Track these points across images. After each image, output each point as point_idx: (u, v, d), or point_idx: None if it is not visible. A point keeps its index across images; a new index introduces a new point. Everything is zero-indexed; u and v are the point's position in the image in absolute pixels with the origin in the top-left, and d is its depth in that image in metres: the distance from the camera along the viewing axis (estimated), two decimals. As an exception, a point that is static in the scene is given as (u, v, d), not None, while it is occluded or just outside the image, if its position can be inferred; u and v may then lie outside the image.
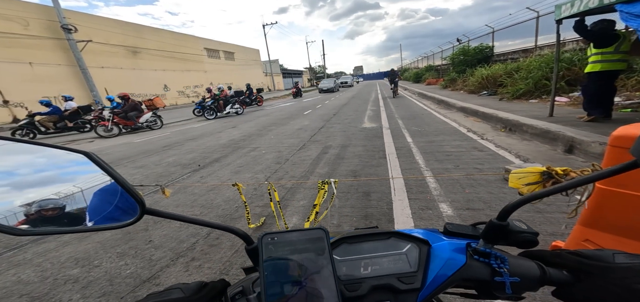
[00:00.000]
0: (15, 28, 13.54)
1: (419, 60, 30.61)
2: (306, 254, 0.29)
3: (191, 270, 1.62)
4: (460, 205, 2.09)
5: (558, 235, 1.58)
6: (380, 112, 8.02)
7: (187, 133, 7.52)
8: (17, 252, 1.95)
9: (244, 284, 0.33)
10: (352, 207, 2.21)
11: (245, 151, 4.69)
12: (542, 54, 8.55)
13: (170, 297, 0.30)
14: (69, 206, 0.29)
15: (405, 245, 0.35)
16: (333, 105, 11.92)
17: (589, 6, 3.19)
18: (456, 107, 7.01)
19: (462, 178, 2.55)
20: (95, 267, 1.71)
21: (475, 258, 0.33)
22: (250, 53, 37.50)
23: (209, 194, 2.82)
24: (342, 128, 6.01)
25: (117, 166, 4.43)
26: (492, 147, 3.52)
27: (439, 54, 20.20)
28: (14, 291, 1.55)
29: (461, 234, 0.38)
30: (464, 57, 12.96)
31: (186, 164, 4.14)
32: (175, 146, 5.68)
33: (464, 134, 4.43)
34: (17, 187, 0.26)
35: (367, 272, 0.33)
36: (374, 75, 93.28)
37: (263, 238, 0.30)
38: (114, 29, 18.69)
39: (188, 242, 1.90)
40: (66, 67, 15.65)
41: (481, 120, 5.33)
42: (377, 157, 3.61)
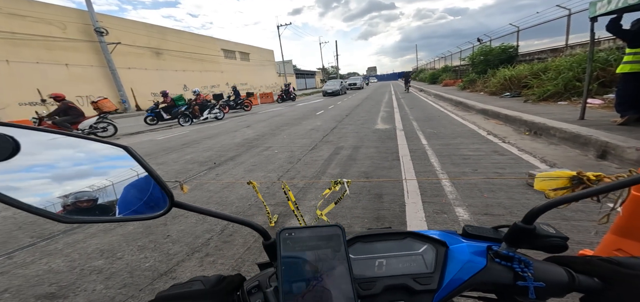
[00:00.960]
0: (54, 31, 14.77)
1: (436, 61, 29.70)
2: (322, 251, 0.30)
3: (205, 265, 1.67)
4: (478, 210, 1.99)
5: (586, 244, 1.46)
6: (394, 114, 7.86)
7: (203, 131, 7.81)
8: (50, 242, 2.10)
9: (260, 278, 0.34)
10: (364, 209, 2.18)
11: (259, 149, 4.79)
12: (574, 53, 7.97)
13: (192, 288, 0.31)
14: (106, 197, 0.31)
15: (421, 246, 0.35)
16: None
17: (628, 2, 2.93)
18: (475, 109, 6.71)
19: (480, 182, 2.43)
20: (118, 259, 1.81)
21: (497, 261, 0.32)
22: (264, 54, 38.30)
23: (223, 191, 2.91)
24: (354, 129, 5.96)
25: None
26: (514, 151, 3.32)
27: (458, 55, 19.46)
28: (44, 280, 1.66)
29: (481, 236, 0.37)
30: (485, 57, 12.39)
31: (203, 162, 4.30)
32: (193, 144, 5.93)
33: (484, 137, 4.23)
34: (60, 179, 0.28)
35: (382, 271, 0.33)
36: (388, 76, 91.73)
37: (281, 234, 0.30)
38: (140, 31, 19.85)
39: (203, 238, 1.96)
40: (98, 69, 16.83)
41: (503, 123, 5.06)
42: (390, 159, 3.54)
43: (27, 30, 13.55)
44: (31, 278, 1.68)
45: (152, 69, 20.78)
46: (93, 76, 16.61)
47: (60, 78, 14.97)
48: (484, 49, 12.91)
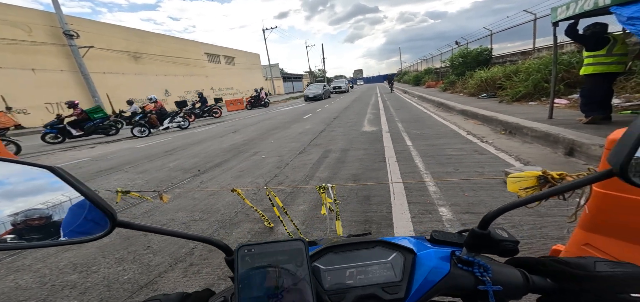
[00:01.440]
0: (18, 34, 13.71)
1: (419, 63, 30.72)
2: (284, 266, 0.29)
3: (189, 276, 1.61)
4: (460, 209, 2.08)
5: (560, 239, 1.57)
6: (380, 116, 8.04)
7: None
8: (17, 258, 1.95)
9: (226, 294, 0.33)
10: (353, 211, 2.21)
11: (247, 154, 4.70)
12: (541, 56, 8.58)
13: None
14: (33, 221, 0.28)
15: (391, 254, 0.35)
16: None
17: (584, 8, 3.21)
18: (456, 110, 7.02)
19: (462, 182, 2.54)
20: (94, 273, 1.71)
21: (459, 267, 0.33)
22: (250, 57, 37.80)
23: (209, 198, 2.82)
24: (343, 132, 6.03)
25: (116, 172, 4.45)
26: (492, 150, 3.51)
27: (438, 57, 20.29)
28: (12, 297, 1.54)
29: (447, 241, 0.37)
30: (463, 59, 13.02)
31: (187, 169, 4.15)
32: (178, 151, 5.71)
33: (464, 137, 4.43)
34: None
35: (353, 281, 0.32)
36: (374, 78, 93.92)
37: (239, 250, 0.30)
38: (116, 35, 18.91)
39: (187, 248, 1.89)
40: (69, 73, 15.80)
41: (481, 123, 5.33)
42: (377, 160, 3.61)
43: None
44: None
45: (131, 74, 19.84)
46: (64, 81, 15.57)
47: (27, 83, 13.90)
48: (462, 52, 13.57)
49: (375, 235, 0.38)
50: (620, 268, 0.28)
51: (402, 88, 21.40)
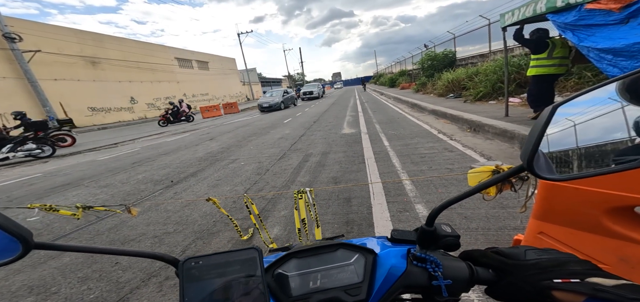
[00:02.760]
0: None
1: (393, 65, 32.10)
2: (235, 276, 0.29)
3: (165, 290, 1.51)
4: (434, 205, 2.20)
5: (521, 229, 1.70)
6: (358, 118, 8.26)
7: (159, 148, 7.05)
8: None
9: None
10: (334, 214, 2.24)
11: (224, 162, 4.53)
12: (496, 58, 9.50)
13: None
14: None
15: (353, 255, 0.35)
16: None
17: (526, 15, 3.63)
18: (427, 110, 7.48)
19: (435, 179, 2.72)
20: (53, 294, 1.56)
21: (415, 264, 0.33)
22: (225, 62, 36.56)
23: (183, 210, 2.67)
24: (322, 135, 6.08)
25: (78, 187, 4.01)
26: (460, 148, 3.80)
27: (410, 60, 21.44)
28: None
29: (404, 240, 0.38)
30: (432, 62, 13.93)
31: (158, 180, 3.87)
32: (146, 162, 5.30)
33: (436, 135, 4.74)
34: None
35: (316, 286, 0.32)
36: (353, 81, 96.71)
37: (185, 264, 0.29)
38: (67, 38, 17.09)
39: (161, 261, 1.78)
40: (13, 80, 13.93)
41: (450, 122, 5.74)
42: (357, 162, 3.70)
43: None
44: None
45: (88, 80, 18.04)
46: (7, 89, 13.67)
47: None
48: (430, 55, 14.51)
49: (355, 236, 0.40)
50: (547, 255, 0.29)
51: (379, 90, 22.21)
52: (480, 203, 2.03)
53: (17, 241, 0.27)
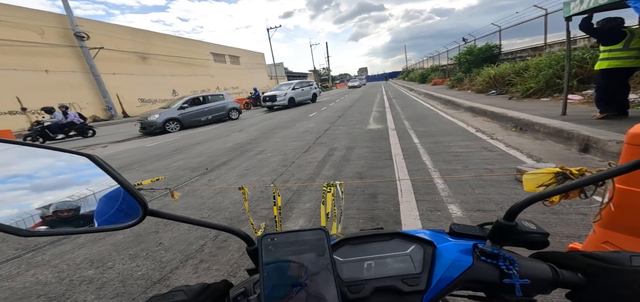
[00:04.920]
0: (31, 36, 14.14)
1: (425, 60, 30.38)
2: (306, 255, 0.29)
3: (200, 272, 1.63)
4: (470, 206, 2.04)
5: (575, 237, 1.52)
6: (386, 114, 7.97)
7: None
8: (36, 254, 2.02)
9: (246, 285, 0.34)
10: (358, 209, 2.19)
11: (252, 153, 4.74)
12: (553, 51, 8.34)
13: (173, 299, 0.30)
14: (72, 209, 0.29)
15: (409, 246, 0.35)
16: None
17: (599, 2, 3.09)
18: (464, 107, 6.90)
19: (471, 179, 2.50)
20: (109, 269, 1.75)
21: (483, 259, 0.32)
22: (255, 57, 38.04)
23: (216, 196, 2.85)
24: (347, 130, 6.00)
25: (127, 171, 4.54)
26: (502, 147, 3.43)
27: (445, 54, 19.98)
28: (33, 292, 1.60)
29: (468, 234, 0.37)
30: (470, 56, 12.79)
31: (194, 168, 4.20)
32: (184, 150, 5.79)
33: (473, 134, 4.35)
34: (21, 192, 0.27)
35: (370, 273, 0.32)
36: (379, 76, 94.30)
37: (263, 239, 0.30)
38: (124, 36, 19.30)
39: (197, 245, 1.92)
40: (80, 74, 16.23)
41: (490, 119, 5.22)
42: (383, 158, 3.58)
43: (2, 35, 12.90)
44: (18, 290, 1.62)
45: (139, 74, 20.23)
46: (76, 82, 16.00)
47: (41, 85, 14.34)
48: (470, 49, 13.33)
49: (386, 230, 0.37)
50: None
51: (408, 86, 21.16)
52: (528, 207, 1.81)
53: (139, 207, 0.31)
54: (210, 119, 11.05)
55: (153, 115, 9.59)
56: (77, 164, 0.31)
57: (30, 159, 0.28)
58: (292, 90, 14.08)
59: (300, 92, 14.69)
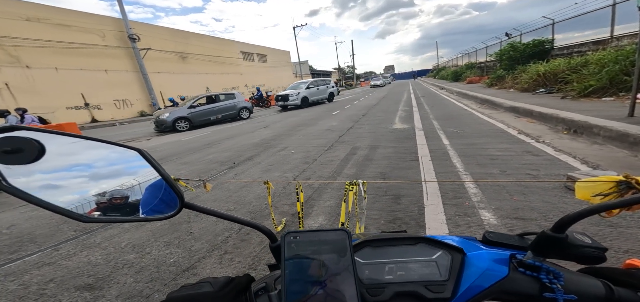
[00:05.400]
0: (95, 40, 16.30)
1: (458, 57, 28.29)
2: (328, 255, 0.29)
3: (224, 263, 1.71)
4: (506, 213, 1.85)
5: (636, 253, 1.30)
6: (412, 113, 7.60)
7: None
8: (90, 236, 2.26)
9: (267, 280, 0.34)
10: (380, 210, 2.12)
11: (276, 149, 4.88)
12: (621, 45, 7.13)
13: (201, 290, 0.32)
14: (121, 199, 0.32)
15: (435, 252, 0.33)
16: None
17: None
18: (504, 106, 6.26)
19: (510, 184, 2.25)
20: (147, 254, 1.90)
21: (521, 271, 0.30)
22: (281, 55, 39.07)
23: (241, 190, 3.00)
24: (371, 129, 5.85)
25: (165, 162, 5.01)
26: (550, 152, 3.04)
27: (483, 50, 18.32)
28: (84, 271, 1.77)
29: (504, 244, 0.34)
30: (514, 52, 11.56)
31: (223, 161, 4.47)
32: (214, 144, 6.20)
33: (514, 136, 3.92)
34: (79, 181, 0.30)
35: (392, 277, 0.32)
36: (406, 74, 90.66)
37: (286, 237, 0.30)
38: (167, 37, 21.22)
39: (222, 236, 2.02)
40: (132, 73, 18.30)
41: (537, 121, 4.65)
42: (408, 159, 3.41)
43: (72, 39, 15.10)
44: (73, 269, 1.81)
45: (178, 73, 22.12)
46: (128, 80, 18.08)
47: (101, 83, 16.49)
48: (515, 44, 12.04)
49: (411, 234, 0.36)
50: None
51: (438, 84, 19.88)
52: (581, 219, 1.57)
53: (177, 199, 0.33)
54: (220, 119, 10.91)
55: (164, 113, 9.68)
56: (127, 156, 0.33)
57: (90, 150, 0.31)
58: (306, 89, 13.48)
59: (315, 92, 14.02)
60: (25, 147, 0.24)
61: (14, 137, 0.24)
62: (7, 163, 0.24)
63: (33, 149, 0.25)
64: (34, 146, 0.25)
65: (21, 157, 0.24)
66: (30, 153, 0.24)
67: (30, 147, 0.24)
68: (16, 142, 0.24)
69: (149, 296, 1.47)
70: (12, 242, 2.25)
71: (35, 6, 13.71)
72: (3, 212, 3.00)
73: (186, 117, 9.84)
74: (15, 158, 0.24)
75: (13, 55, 12.83)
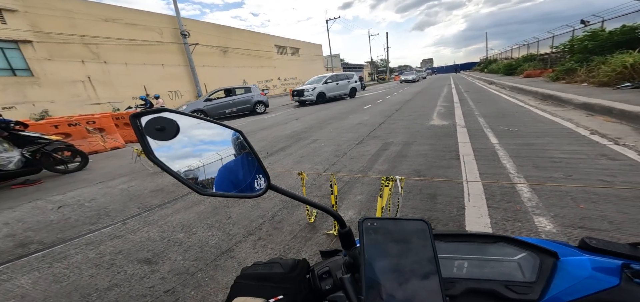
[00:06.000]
0: (155, 37, 18.53)
1: (513, 49, 24.79)
2: (407, 244, 0.28)
3: (257, 248, 1.79)
4: (568, 221, 1.60)
5: None
6: (453, 109, 6.96)
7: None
8: (150, 214, 2.45)
9: (330, 265, 0.35)
10: (414, 209, 2.01)
11: (307, 142, 4.97)
12: None
13: (273, 270, 0.34)
14: (227, 175, 0.34)
15: (517, 252, 0.32)
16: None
17: None
18: (573, 103, 5.31)
19: (575, 190, 1.93)
20: (193, 235, 2.04)
21: (637, 282, 0.27)
22: (313, 48, 39.20)
23: (275, 179, 3.12)
24: (405, 124, 5.54)
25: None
26: (632, 156, 2.49)
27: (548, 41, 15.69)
28: (145, 246, 1.95)
29: (610, 251, 0.31)
30: (592, 42, 9.65)
31: (258, 151, 4.74)
32: (250, 135, 6.60)
33: (585, 136, 3.31)
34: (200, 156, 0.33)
35: (462, 273, 0.32)
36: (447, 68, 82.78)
37: (364, 222, 0.30)
38: (211, 32, 22.96)
39: (257, 223, 2.12)
40: (182, 67, 20.40)
41: (617, 120, 3.84)
42: (447, 157, 3.15)
43: (139, 37, 17.43)
44: (137, 243, 2.00)
45: (220, 66, 23.87)
46: (179, 74, 20.23)
47: (158, 77, 18.77)
48: (596, 32, 10.03)
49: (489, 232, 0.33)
50: None
51: (486, 78, 17.78)
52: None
53: (265, 180, 0.36)
54: (234, 112, 11.06)
55: (182, 106, 10.30)
56: (230, 135, 0.36)
57: (205, 129, 0.35)
58: (324, 84, 12.83)
59: (334, 87, 13.29)
60: (167, 126, 0.29)
61: (162, 118, 0.28)
62: (155, 138, 0.29)
63: (173, 128, 0.29)
64: (173, 126, 0.29)
65: (164, 135, 0.29)
66: (170, 131, 0.29)
67: (171, 126, 0.29)
68: (163, 122, 0.28)
69: (194, 273, 1.61)
70: (92, 214, 2.68)
71: (111, 8, 16.12)
72: (85, 188, 3.62)
73: (202, 109, 10.12)
74: (161, 135, 0.29)
75: (94, 52, 15.39)
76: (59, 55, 13.78)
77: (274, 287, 0.32)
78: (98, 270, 1.74)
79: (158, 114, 0.28)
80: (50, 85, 13.43)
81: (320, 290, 0.33)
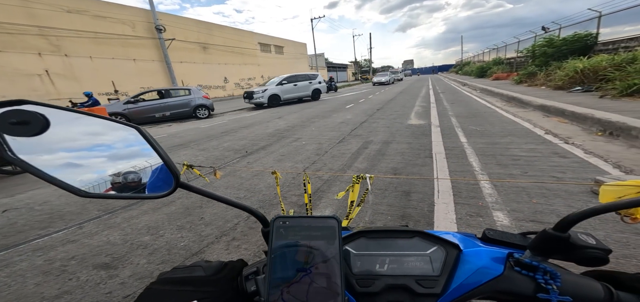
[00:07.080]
0: (127, 30, 17.25)
1: (485, 52, 26.55)
2: (316, 242, 0.29)
3: (231, 249, 1.75)
4: (523, 215, 1.76)
5: None
6: (430, 109, 7.31)
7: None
8: (111, 216, 2.32)
9: (258, 265, 0.34)
10: (389, 206, 2.10)
11: (289, 140, 4.94)
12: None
13: (192, 274, 0.31)
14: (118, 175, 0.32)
15: (430, 247, 0.33)
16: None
17: None
18: (533, 105, 5.82)
19: (530, 186, 2.12)
20: (160, 237, 1.95)
21: (516, 270, 0.30)
22: (298, 47, 38.93)
23: (253, 178, 3.09)
24: (386, 124, 5.72)
25: (186, 148, 5.28)
26: (579, 154, 2.80)
27: (514, 45, 17.01)
28: (103, 250, 1.84)
29: (503, 242, 0.34)
30: (550, 48, 10.62)
31: (237, 150, 4.62)
32: (231, 133, 6.41)
33: (541, 136, 3.65)
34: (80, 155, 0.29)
35: (384, 269, 0.31)
36: (426, 69, 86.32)
37: (275, 221, 0.30)
38: (191, 28, 21.87)
39: (232, 223, 2.07)
40: (157, 63, 19.21)
41: (568, 121, 4.29)
42: (422, 156, 3.31)
43: (107, 29, 16.11)
44: (94, 248, 1.87)
45: (200, 63, 22.84)
46: (154, 70, 19.03)
47: (130, 72, 17.51)
48: (552, 39, 11.04)
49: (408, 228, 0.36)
50: None
51: (461, 80, 18.84)
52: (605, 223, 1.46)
53: (173, 178, 0.33)
54: (167, 116, 9.77)
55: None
56: (125, 134, 0.33)
57: (92, 126, 0.31)
58: (278, 86, 12.08)
59: (291, 89, 12.47)
60: (31, 120, 0.25)
61: (22, 110, 0.25)
62: (13, 134, 0.25)
63: (38, 123, 0.25)
64: (39, 120, 0.25)
65: (26, 130, 0.25)
66: (35, 126, 0.25)
67: (35, 120, 0.25)
68: (23, 116, 0.25)
69: (159, 277, 1.56)
70: (43, 218, 2.45)
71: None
72: (38, 189, 3.31)
73: (122, 113, 8.82)
74: (21, 130, 0.25)
75: (55, 44, 13.97)
76: (13, 47, 12.37)
77: (193, 292, 0.29)
78: (46, 278, 1.61)
79: (17, 107, 0.24)
80: (2, 78, 12.02)
81: (245, 292, 0.32)
